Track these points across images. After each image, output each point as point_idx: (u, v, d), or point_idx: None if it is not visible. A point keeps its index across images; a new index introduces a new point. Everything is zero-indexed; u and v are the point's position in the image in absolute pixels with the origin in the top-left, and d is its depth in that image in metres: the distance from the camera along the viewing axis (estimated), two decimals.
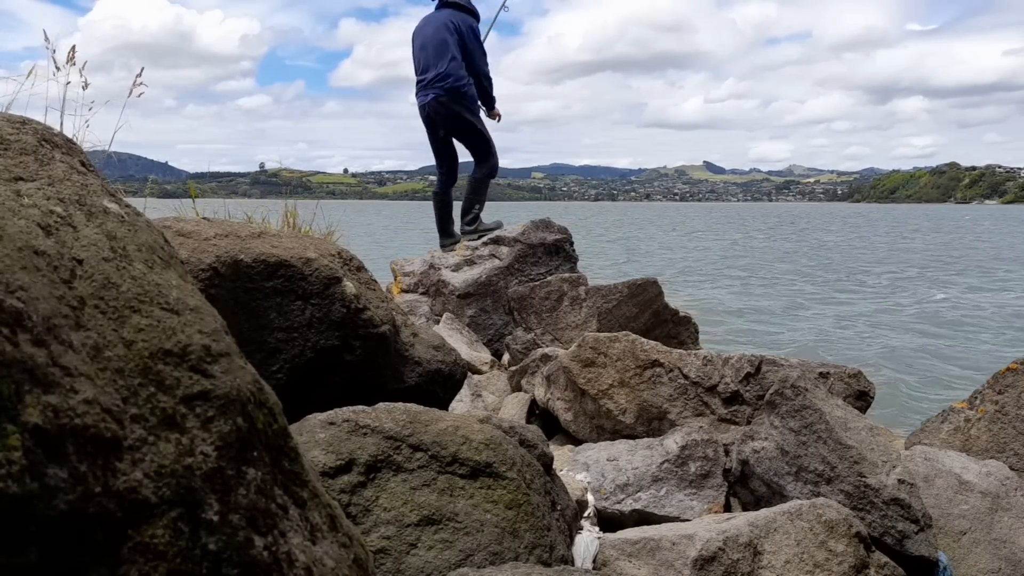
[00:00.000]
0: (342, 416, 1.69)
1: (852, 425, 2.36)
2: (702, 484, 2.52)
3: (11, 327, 0.65)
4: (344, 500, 1.55)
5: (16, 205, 0.86)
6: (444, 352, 2.49)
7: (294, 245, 2.10)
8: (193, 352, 0.86)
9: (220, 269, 1.90)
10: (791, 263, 22.02)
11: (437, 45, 5.21)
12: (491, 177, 5.60)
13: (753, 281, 17.11)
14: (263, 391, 0.95)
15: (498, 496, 1.67)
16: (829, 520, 1.94)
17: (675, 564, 1.87)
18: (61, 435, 0.64)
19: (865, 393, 3.04)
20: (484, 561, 1.57)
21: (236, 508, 0.80)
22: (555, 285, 4.27)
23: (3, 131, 1.03)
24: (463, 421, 1.77)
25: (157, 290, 0.90)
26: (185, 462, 0.76)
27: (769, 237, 36.93)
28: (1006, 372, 2.84)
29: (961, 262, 22.92)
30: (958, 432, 2.82)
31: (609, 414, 2.93)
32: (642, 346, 2.99)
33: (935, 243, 33.75)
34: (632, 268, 19.50)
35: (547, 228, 5.25)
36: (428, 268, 5.11)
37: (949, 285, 16.59)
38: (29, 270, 0.75)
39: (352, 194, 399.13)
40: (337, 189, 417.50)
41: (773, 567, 1.86)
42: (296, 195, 3.95)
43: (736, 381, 2.91)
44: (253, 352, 1.92)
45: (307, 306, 2.04)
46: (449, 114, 5.25)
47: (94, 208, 0.97)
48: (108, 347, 0.78)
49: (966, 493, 2.41)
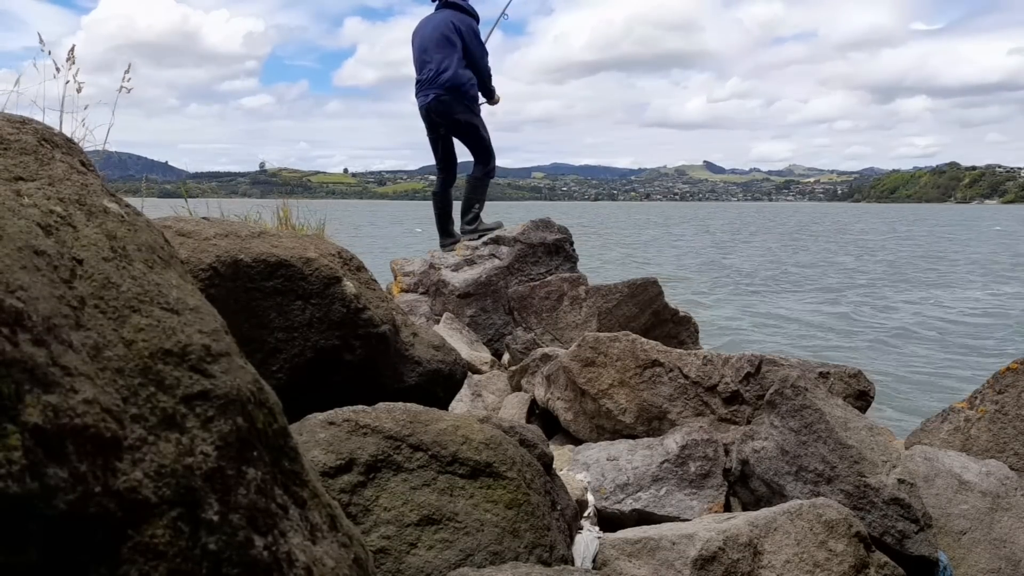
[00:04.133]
0: (342, 416, 1.68)
1: (852, 425, 2.36)
2: (702, 484, 2.52)
3: (11, 327, 0.65)
4: (344, 500, 1.55)
5: (16, 205, 0.86)
6: (444, 352, 2.49)
7: (294, 245, 2.10)
8: (193, 352, 0.86)
9: (220, 269, 1.90)
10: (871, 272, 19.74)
11: (437, 45, 5.20)
12: (490, 177, 5.60)
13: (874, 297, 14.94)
14: (263, 391, 0.95)
15: (498, 496, 1.67)
16: (829, 520, 1.94)
17: (675, 564, 1.87)
18: (61, 435, 0.64)
19: (865, 393, 3.04)
20: (484, 561, 1.57)
21: (236, 508, 0.80)
22: (555, 285, 4.27)
23: (3, 131, 1.03)
24: (463, 421, 1.77)
25: (157, 290, 0.90)
26: (185, 462, 0.76)
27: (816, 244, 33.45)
28: (1006, 372, 2.84)
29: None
30: (958, 432, 2.82)
31: (609, 414, 2.93)
32: (642, 346, 2.98)
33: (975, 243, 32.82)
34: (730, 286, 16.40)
35: (547, 228, 5.25)
36: (428, 268, 5.11)
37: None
38: (29, 270, 0.74)
39: (352, 194, 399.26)
40: (337, 189, 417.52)
41: (773, 567, 1.86)
42: (296, 195, 3.94)
43: (736, 381, 2.91)
44: (253, 352, 1.92)
45: (307, 306, 2.04)
46: (450, 114, 5.25)
47: (94, 208, 0.97)
48: (108, 347, 0.78)
49: (966, 493, 2.41)
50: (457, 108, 5.24)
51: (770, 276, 18.31)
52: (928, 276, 18.67)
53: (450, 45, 5.18)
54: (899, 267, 21.06)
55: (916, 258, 24.78)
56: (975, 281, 17.45)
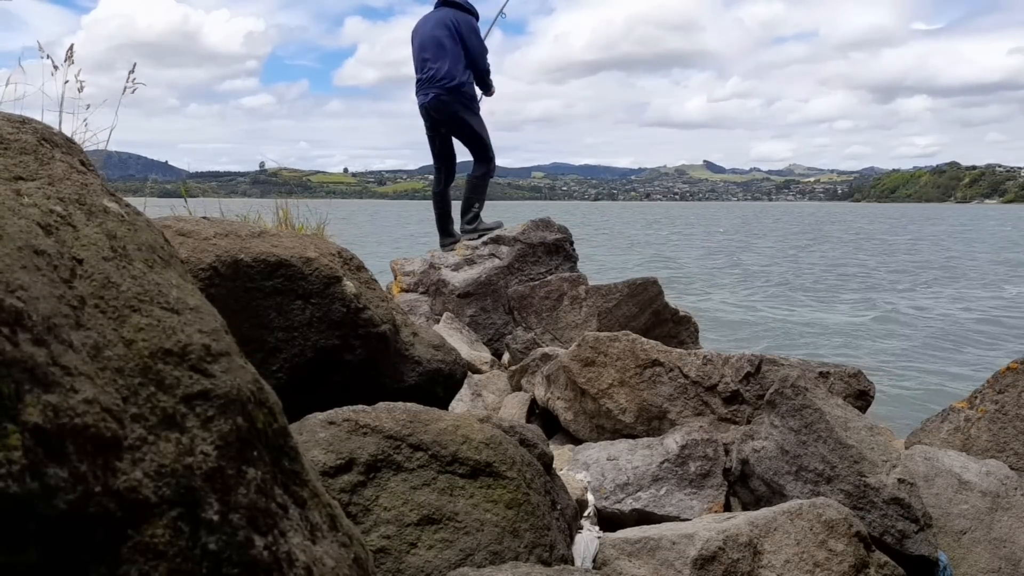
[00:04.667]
0: (342, 416, 1.69)
1: (852, 424, 2.36)
2: (702, 483, 2.52)
3: (11, 327, 0.65)
4: (344, 500, 1.55)
5: (16, 205, 0.86)
6: (444, 351, 2.49)
7: (294, 244, 2.10)
8: (193, 351, 0.86)
9: (220, 269, 1.90)
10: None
11: (437, 44, 5.21)
12: (489, 176, 5.61)
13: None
14: (263, 390, 0.95)
15: (498, 495, 1.67)
16: (829, 520, 1.94)
17: (675, 564, 1.87)
18: (61, 434, 0.64)
19: (865, 393, 3.04)
20: (484, 560, 1.57)
21: (236, 508, 0.80)
22: (555, 285, 4.27)
23: (3, 130, 1.03)
24: (463, 420, 1.77)
25: (157, 289, 0.90)
26: (185, 461, 0.76)
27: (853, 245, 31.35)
28: (1006, 372, 2.84)
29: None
30: (958, 432, 2.82)
31: (609, 413, 2.93)
32: (642, 345, 2.99)
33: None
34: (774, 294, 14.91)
35: (547, 228, 5.25)
36: (428, 268, 5.11)
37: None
38: (29, 270, 0.74)
39: (352, 193, 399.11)
40: (337, 188, 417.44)
41: (773, 567, 1.86)
42: (295, 195, 3.95)
43: (736, 380, 2.91)
44: (253, 352, 1.92)
45: (307, 305, 2.04)
46: (451, 112, 5.26)
47: (94, 207, 0.97)
48: (108, 346, 0.78)
49: (966, 492, 2.41)
50: (457, 107, 5.25)
51: (790, 277, 17.82)
52: (932, 275, 18.66)
53: (450, 44, 5.18)
54: (911, 267, 20.97)
55: (931, 257, 24.60)
56: (977, 281, 17.45)
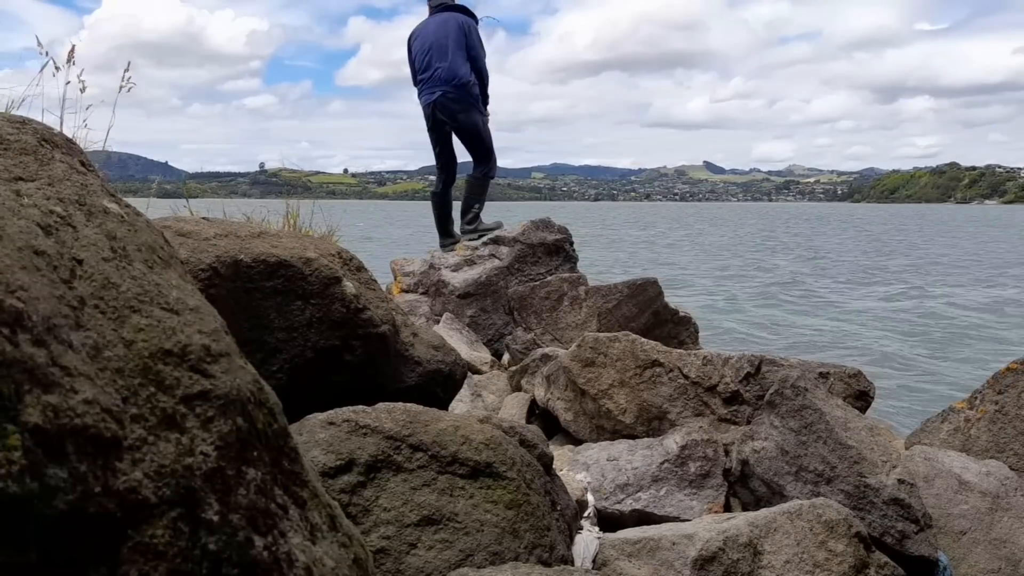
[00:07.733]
0: (342, 416, 1.68)
1: (852, 425, 2.36)
2: (702, 484, 2.52)
3: (11, 327, 0.65)
4: (344, 500, 1.54)
5: (16, 205, 0.86)
6: (444, 352, 2.49)
7: (294, 245, 2.10)
8: (193, 352, 0.86)
9: (220, 269, 1.90)
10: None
11: (443, 45, 5.25)
12: (490, 177, 5.62)
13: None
14: (263, 391, 0.95)
15: (498, 496, 1.67)
16: (829, 520, 1.94)
17: (675, 564, 1.87)
18: (61, 435, 0.64)
19: (865, 393, 3.04)
20: (484, 561, 1.57)
21: (236, 508, 0.80)
22: (555, 285, 4.27)
23: (3, 131, 1.03)
24: (463, 421, 1.77)
25: (157, 290, 0.90)
26: (185, 462, 0.76)
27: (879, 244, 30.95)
28: (1006, 372, 2.84)
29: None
30: (958, 432, 2.81)
31: (609, 414, 2.93)
32: (642, 346, 2.98)
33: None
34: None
35: (547, 228, 5.25)
36: (428, 268, 5.11)
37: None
38: (29, 270, 0.74)
39: (352, 194, 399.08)
40: (337, 189, 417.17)
41: (773, 567, 1.86)
42: (296, 195, 3.94)
43: (736, 381, 2.91)
44: (253, 352, 1.92)
45: (307, 306, 2.04)
46: (456, 112, 5.29)
47: (94, 208, 0.97)
48: (108, 347, 0.78)
49: (966, 493, 2.41)
50: (463, 106, 5.28)
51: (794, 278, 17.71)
52: (932, 275, 18.65)
53: (457, 45, 5.24)
54: (911, 267, 20.91)
55: (931, 257, 24.49)
56: (977, 281, 17.44)
